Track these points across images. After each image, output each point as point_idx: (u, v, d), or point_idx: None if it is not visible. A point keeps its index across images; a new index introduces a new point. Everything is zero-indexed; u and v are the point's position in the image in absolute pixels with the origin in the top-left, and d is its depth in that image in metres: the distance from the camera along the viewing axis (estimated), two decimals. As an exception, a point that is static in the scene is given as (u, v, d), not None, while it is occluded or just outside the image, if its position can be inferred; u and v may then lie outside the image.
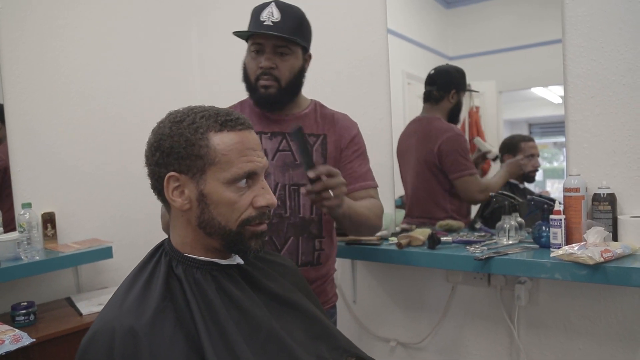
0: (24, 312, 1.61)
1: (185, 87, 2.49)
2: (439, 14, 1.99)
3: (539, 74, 1.75)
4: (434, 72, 1.88)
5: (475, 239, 1.65)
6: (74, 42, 2.05)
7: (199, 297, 0.84)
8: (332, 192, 1.09)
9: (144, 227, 2.18)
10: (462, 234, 1.75)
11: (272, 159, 1.32)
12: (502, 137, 1.88)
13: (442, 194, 1.88)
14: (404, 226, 1.92)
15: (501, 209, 1.68)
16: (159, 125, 0.88)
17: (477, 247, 1.55)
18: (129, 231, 2.19)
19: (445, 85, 1.86)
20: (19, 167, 1.87)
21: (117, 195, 2.18)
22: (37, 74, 1.94)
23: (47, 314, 1.74)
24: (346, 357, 0.96)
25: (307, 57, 1.36)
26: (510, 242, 1.58)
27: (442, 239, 1.64)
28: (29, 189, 1.90)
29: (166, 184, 0.84)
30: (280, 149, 1.33)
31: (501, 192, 1.76)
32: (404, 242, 1.63)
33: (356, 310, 2.11)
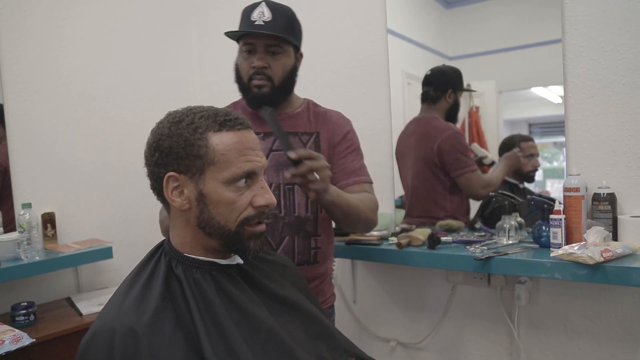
0: (24, 312, 1.61)
1: (185, 87, 2.49)
2: (439, 14, 1.99)
3: (539, 74, 1.75)
4: (430, 72, 1.90)
5: (475, 238, 1.65)
6: (74, 42, 2.05)
7: (198, 297, 0.84)
8: (317, 174, 1.07)
9: (144, 227, 2.18)
10: (462, 233, 1.75)
11: (266, 159, 1.32)
12: (502, 137, 1.88)
13: (442, 192, 1.88)
14: (404, 226, 1.92)
15: (501, 209, 1.68)
16: (158, 125, 0.88)
17: (477, 247, 1.55)
18: (129, 231, 2.20)
19: (441, 85, 1.87)
20: (19, 167, 1.87)
21: (117, 195, 2.18)
22: (37, 74, 1.94)
23: (47, 314, 1.74)
24: (346, 357, 0.95)
25: (298, 56, 1.36)
26: (510, 242, 1.58)
27: (442, 238, 1.64)
28: (29, 189, 1.90)
29: (165, 184, 0.85)
30: (273, 148, 1.33)
31: (501, 192, 1.76)
32: (404, 242, 1.63)
33: (356, 310, 2.11)
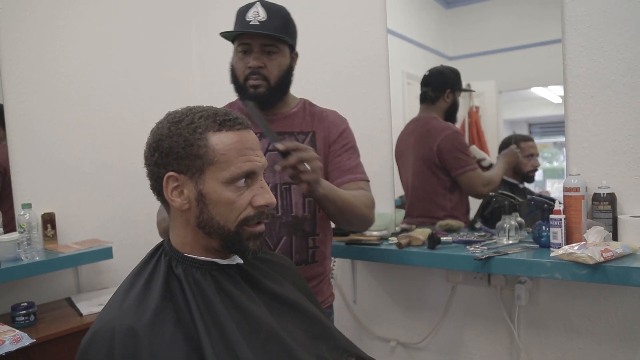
0: (24, 312, 1.61)
1: (185, 87, 2.49)
2: (439, 14, 1.99)
3: (539, 74, 1.75)
4: (428, 73, 1.91)
5: (475, 238, 1.65)
6: (74, 42, 2.05)
7: (198, 297, 0.84)
8: (307, 165, 1.07)
9: (144, 227, 2.18)
10: (462, 233, 1.75)
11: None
12: (502, 137, 1.87)
13: (442, 192, 1.88)
14: (404, 226, 1.92)
15: (501, 209, 1.68)
16: (157, 125, 0.88)
17: (477, 246, 1.55)
18: (129, 231, 2.20)
19: (440, 85, 1.88)
20: (19, 167, 1.87)
21: (117, 195, 2.18)
22: (37, 74, 1.94)
23: (47, 315, 1.74)
24: (346, 357, 0.96)
25: (294, 55, 1.36)
26: (510, 241, 1.58)
27: (442, 238, 1.64)
28: (29, 189, 1.90)
29: (165, 184, 0.85)
30: (269, 148, 1.32)
31: (501, 192, 1.76)
32: (404, 242, 1.63)
33: (356, 310, 2.10)
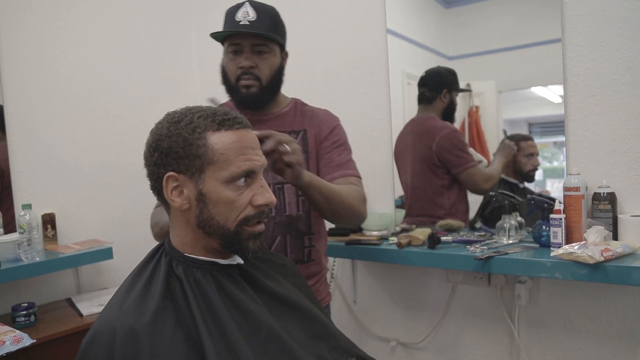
0: (24, 313, 1.61)
1: (185, 87, 2.49)
2: (439, 14, 1.99)
3: (539, 74, 1.75)
4: (425, 74, 1.93)
5: (475, 238, 1.65)
6: (74, 42, 2.05)
7: (199, 297, 0.84)
8: (287, 146, 1.05)
9: (144, 227, 2.15)
10: (462, 233, 1.75)
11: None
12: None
13: (441, 191, 1.89)
14: (404, 226, 1.92)
15: (501, 209, 1.68)
16: (156, 126, 0.88)
17: (477, 246, 1.55)
18: (129, 232, 2.19)
19: (436, 85, 1.90)
20: (19, 168, 1.87)
21: (117, 196, 2.18)
22: (37, 74, 1.94)
23: (47, 315, 1.74)
24: (346, 357, 0.95)
25: (284, 54, 1.36)
26: (510, 241, 1.58)
27: (442, 238, 1.64)
28: (29, 190, 1.90)
29: (165, 184, 0.85)
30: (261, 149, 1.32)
31: (501, 191, 1.76)
32: (404, 241, 1.63)
33: (356, 310, 2.10)
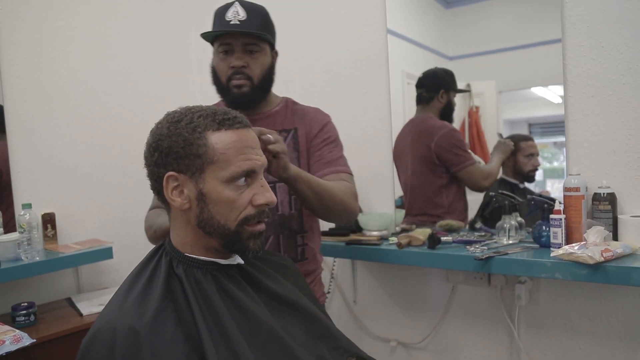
0: (24, 312, 1.61)
1: (185, 87, 2.49)
2: (439, 14, 1.99)
3: (539, 74, 1.75)
4: (422, 75, 1.94)
5: (475, 238, 1.65)
6: (73, 42, 2.05)
7: (199, 297, 0.84)
8: (269, 135, 1.03)
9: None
10: (462, 233, 1.75)
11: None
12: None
13: (439, 190, 1.90)
14: (404, 226, 1.92)
15: (501, 209, 1.68)
16: (157, 126, 0.88)
17: (477, 246, 1.55)
18: (129, 231, 2.19)
19: (433, 86, 1.91)
20: (19, 167, 1.87)
21: (117, 195, 2.18)
22: (37, 74, 1.94)
23: (47, 315, 1.74)
24: (347, 357, 0.96)
25: (274, 54, 1.36)
26: (510, 241, 1.58)
27: (442, 238, 1.64)
28: (29, 189, 1.90)
29: (165, 184, 0.85)
30: None
31: (501, 191, 1.76)
32: (404, 242, 1.63)
33: (356, 310, 2.10)
